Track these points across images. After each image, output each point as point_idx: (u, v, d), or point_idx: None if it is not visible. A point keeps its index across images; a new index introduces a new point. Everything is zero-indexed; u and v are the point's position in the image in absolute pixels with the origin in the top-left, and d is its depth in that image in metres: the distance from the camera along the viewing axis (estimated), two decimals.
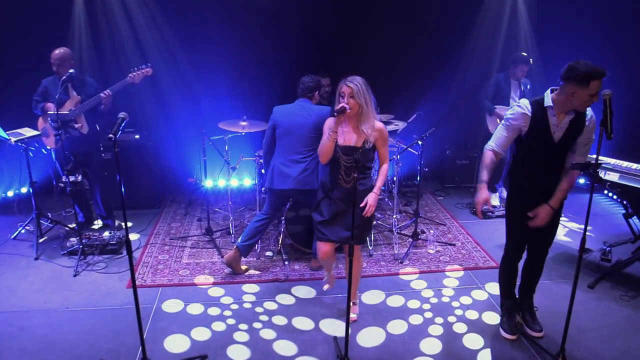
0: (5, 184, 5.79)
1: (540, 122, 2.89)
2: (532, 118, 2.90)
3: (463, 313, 3.64)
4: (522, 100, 3.01)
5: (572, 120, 2.87)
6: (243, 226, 5.18)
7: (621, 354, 3.17)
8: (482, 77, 6.08)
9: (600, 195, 6.11)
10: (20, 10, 5.39)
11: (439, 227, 5.25)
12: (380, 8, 5.98)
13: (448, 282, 4.10)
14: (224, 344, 3.26)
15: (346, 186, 3.19)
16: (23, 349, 3.18)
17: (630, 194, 3.95)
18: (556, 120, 2.88)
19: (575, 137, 2.92)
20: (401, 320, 3.55)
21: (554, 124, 2.89)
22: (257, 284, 4.04)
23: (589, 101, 2.74)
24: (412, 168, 6.26)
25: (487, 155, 3.07)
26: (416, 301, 3.80)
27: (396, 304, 3.76)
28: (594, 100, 2.72)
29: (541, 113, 2.89)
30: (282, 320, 3.54)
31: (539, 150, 2.97)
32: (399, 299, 3.83)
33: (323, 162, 3.23)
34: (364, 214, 3.15)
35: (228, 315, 3.59)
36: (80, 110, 4.45)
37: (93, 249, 4.45)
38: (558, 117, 2.88)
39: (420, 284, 4.05)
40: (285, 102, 4.07)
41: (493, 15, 6.21)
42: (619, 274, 4.10)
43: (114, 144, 2.56)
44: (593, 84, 2.66)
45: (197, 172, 5.91)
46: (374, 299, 3.82)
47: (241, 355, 3.16)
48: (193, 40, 5.80)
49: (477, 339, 3.33)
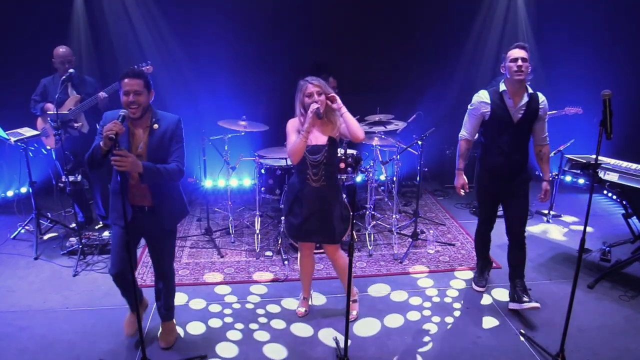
0: (5, 183, 5.78)
1: (499, 106, 3.35)
2: (491, 103, 3.36)
3: (461, 313, 3.64)
4: (480, 91, 3.45)
5: (528, 103, 3.31)
6: (242, 226, 5.19)
7: (620, 354, 3.17)
8: (482, 78, 6.09)
9: (599, 195, 6.12)
10: (20, 10, 5.39)
11: (438, 227, 5.25)
12: (380, 8, 5.98)
13: (455, 283, 4.11)
14: (215, 340, 3.27)
15: (315, 185, 3.20)
16: (22, 348, 3.18)
17: (630, 194, 3.95)
18: (512, 102, 3.32)
19: (531, 119, 3.35)
20: (399, 314, 3.57)
21: (511, 106, 3.32)
22: (264, 285, 4.04)
23: (514, 66, 3.21)
24: (411, 168, 6.27)
25: (460, 144, 3.60)
26: (418, 298, 3.81)
27: (399, 299, 3.79)
28: (519, 65, 3.19)
29: (498, 98, 3.36)
30: (280, 324, 3.52)
31: (500, 131, 3.37)
32: (402, 294, 3.85)
33: (294, 162, 3.18)
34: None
35: (227, 314, 3.59)
36: (80, 110, 4.45)
37: (93, 249, 4.45)
38: (514, 100, 3.31)
39: (426, 282, 4.07)
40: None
41: (492, 16, 6.22)
42: (619, 274, 4.10)
43: (114, 144, 2.56)
44: (510, 52, 3.26)
45: (197, 172, 5.90)
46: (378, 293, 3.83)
47: (229, 353, 3.16)
48: (192, 40, 5.81)
49: (476, 338, 3.34)
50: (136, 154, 2.78)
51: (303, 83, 3.13)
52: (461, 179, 3.65)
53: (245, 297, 3.84)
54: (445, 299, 3.83)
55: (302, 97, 3.13)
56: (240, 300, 3.80)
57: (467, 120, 3.54)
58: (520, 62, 3.20)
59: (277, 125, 5.43)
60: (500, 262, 4.30)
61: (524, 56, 3.22)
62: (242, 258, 4.51)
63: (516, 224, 3.51)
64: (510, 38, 6.22)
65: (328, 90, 3.14)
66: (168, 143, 2.87)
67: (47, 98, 4.49)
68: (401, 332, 3.41)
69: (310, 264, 3.56)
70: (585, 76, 5.63)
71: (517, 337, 3.33)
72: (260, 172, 4.74)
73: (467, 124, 3.54)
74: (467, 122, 3.54)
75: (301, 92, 3.14)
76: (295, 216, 3.29)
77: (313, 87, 3.08)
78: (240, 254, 4.59)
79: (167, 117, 2.93)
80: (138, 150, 2.83)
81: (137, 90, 2.75)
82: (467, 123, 3.54)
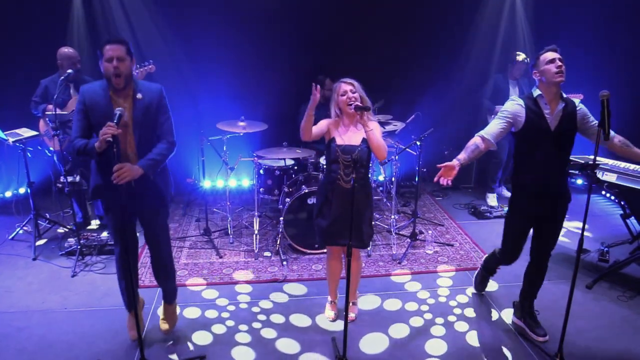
0: (3, 184, 5.77)
1: (534, 113, 2.99)
2: (526, 109, 2.99)
3: (462, 312, 3.65)
4: (513, 96, 3.12)
5: (564, 108, 2.97)
6: (241, 227, 5.19)
7: (619, 355, 3.17)
8: (481, 78, 6.10)
9: (598, 195, 6.14)
10: (19, 9, 5.38)
11: (437, 227, 5.26)
12: (379, 8, 5.98)
13: (442, 282, 4.11)
14: (227, 346, 3.25)
15: (346, 186, 3.19)
16: (21, 349, 3.18)
17: (628, 195, 3.95)
18: (549, 108, 2.98)
19: (569, 127, 2.99)
20: (402, 323, 3.53)
21: (547, 112, 2.97)
22: (249, 284, 4.04)
23: (553, 67, 2.90)
24: (410, 168, 6.27)
25: (474, 139, 3.05)
26: (413, 303, 3.80)
27: (394, 308, 3.75)
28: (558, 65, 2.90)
29: (534, 104, 3.00)
30: (280, 318, 3.54)
31: (538, 142, 2.98)
32: (395, 302, 3.82)
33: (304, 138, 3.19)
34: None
35: (226, 317, 3.59)
36: None
37: (91, 249, 4.45)
38: (550, 105, 2.98)
39: (414, 286, 4.06)
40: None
41: (491, 16, 6.23)
42: (617, 275, 4.10)
43: (112, 144, 2.55)
44: (544, 55, 2.96)
45: (196, 172, 5.90)
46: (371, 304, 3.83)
47: (246, 356, 3.15)
48: (192, 40, 5.80)
49: (473, 338, 3.34)
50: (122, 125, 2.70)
51: (338, 84, 3.17)
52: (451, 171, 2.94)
53: (235, 298, 3.84)
54: (439, 299, 3.83)
55: (337, 97, 3.16)
56: (232, 302, 3.79)
57: (495, 122, 3.05)
58: (558, 62, 2.90)
59: (276, 125, 5.47)
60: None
61: (560, 56, 2.93)
62: (241, 258, 4.51)
63: (545, 249, 3.21)
64: (508, 39, 6.24)
65: (361, 91, 3.15)
66: (155, 115, 2.84)
67: (47, 99, 4.48)
68: (401, 332, 3.42)
69: (338, 268, 3.52)
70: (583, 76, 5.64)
71: (516, 337, 3.34)
72: (258, 173, 4.74)
73: (493, 126, 3.04)
74: (493, 124, 3.05)
75: (335, 93, 3.17)
76: (325, 217, 3.28)
77: (346, 85, 3.13)
78: (239, 254, 4.59)
79: (150, 87, 2.88)
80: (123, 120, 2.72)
81: (120, 55, 2.68)
82: (492, 125, 3.04)
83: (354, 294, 3.60)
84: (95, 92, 2.77)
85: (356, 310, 3.60)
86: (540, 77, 2.98)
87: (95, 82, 2.86)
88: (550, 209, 3.09)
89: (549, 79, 2.93)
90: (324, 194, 3.29)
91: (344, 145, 3.17)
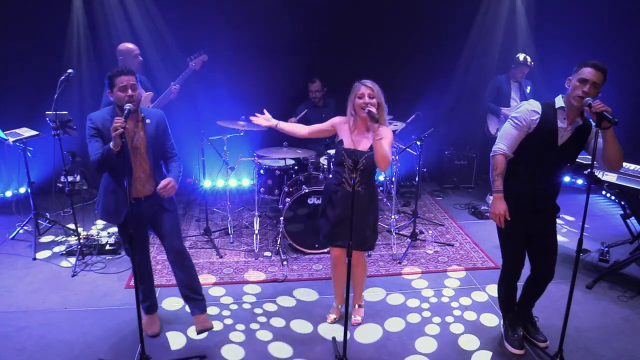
0: (3, 184, 5.78)
1: (548, 123, 2.83)
2: (541, 117, 2.84)
3: (462, 314, 3.65)
4: (531, 100, 2.94)
5: (579, 127, 2.84)
6: (241, 226, 5.19)
7: (619, 354, 3.17)
8: (481, 78, 6.10)
9: (598, 195, 6.13)
10: (19, 10, 5.38)
11: (437, 227, 5.26)
12: (379, 9, 5.98)
13: (449, 282, 4.11)
14: (220, 343, 3.26)
15: (350, 190, 3.15)
16: (21, 349, 3.18)
17: (628, 195, 3.96)
18: (565, 123, 2.82)
19: (576, 145, 2.89)
20: (399, 318, 3.56)
21: (562, 126, 2.83)
22: (258, 285, 4.04)
23: (579, 87, 2.69)
24: (410, 168, 6.28)
25: (498, 160, 2.90)
26: (416, 300, 3.80)
27: (396, 302, 3.77)
28: (585, 90, 2.67)
29: (551, 114, 2.84)
30: (280, 322, 3.53)
31: (538, 152, 2.86)
32: (398, 297, 3.84)
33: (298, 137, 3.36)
34: None
35: (226, 315, 3.59)
36: (157, 106, 4.47)
37: (91, 249, 4.45)
38: (567, 120, 2.83)
39: (421, 284, 4.07)
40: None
41: (491, 16, 6.22)
42: (617, 275, 4.10)
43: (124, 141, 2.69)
44: (584, 69, 2.71)
45: (196, 172, 5.90)
46: (375, 297, 3.83)
47: (235, 355, 3.16)
48: (191, 40, 5.80)
49: (473, 339, 3.34)
50: (132, 146, 2.99)
51: (357, 85, 3.11)
52: (501, 204, 2.89)
53: (241, 298, 3.84)
54: (442, 299, 3.83)
55: (354, 97, 3.10)
56: (236, 301, 3.79)
57: (506, 131, 2.91)
58: (588, 87, 2.67)
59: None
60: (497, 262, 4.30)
61: (596, 80, 2.67)
62: (241, 258, 4.51)
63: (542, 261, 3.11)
64: (509, 39, 6.24)
65: (380, 96, 3.10)
66: (162, 136, 3.15)
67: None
68: (402, 336, 3.41)
69: (342, 271, 3.42)
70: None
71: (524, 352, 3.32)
72: (259, 173, 4.74)
73: (507, 135, 2.89)
74: (506, 133, 2.90)
75: (353, 93, 3.11)
76: (327, 219, 3.27)
77: (365, 89, 3.06)
78: (239, 254, 4.59)
79: (153, 112, 3.16)
80: (134, 143, 3.01)
81: (133, 84, 2.92)
82: (506, 135, 2.90)
83: (359, 297, 3.58)
84: (105, 119, 2.96)
85: (362, 313, 3.57)
86: (568, 86, 2.80)
87: (103, 110, 3.07)
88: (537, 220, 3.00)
89: (570, 94, 2.78)
90: (328, 194, 3.29)
91: (351, 149, 3.14)
